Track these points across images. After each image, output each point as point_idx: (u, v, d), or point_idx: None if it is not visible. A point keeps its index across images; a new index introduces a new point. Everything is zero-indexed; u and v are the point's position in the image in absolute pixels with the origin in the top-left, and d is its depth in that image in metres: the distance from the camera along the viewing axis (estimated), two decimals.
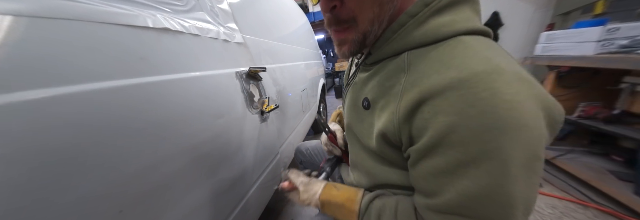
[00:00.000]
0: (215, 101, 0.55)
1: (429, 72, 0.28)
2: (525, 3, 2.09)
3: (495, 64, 0.25)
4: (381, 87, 0.35)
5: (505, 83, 0.24)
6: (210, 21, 0.62)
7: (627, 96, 1.15)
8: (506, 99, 0.23)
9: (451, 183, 0.27)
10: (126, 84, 0.35)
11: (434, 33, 0.30)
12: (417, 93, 0.28)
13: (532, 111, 0.24)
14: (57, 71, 0.27)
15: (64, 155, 0.27)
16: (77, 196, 0.28)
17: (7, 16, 0.24)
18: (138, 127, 0.36)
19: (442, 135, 0.26)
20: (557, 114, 0.27)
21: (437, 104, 0.26)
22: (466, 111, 0.24)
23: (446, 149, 0.26)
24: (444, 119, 0.25)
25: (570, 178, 1.27)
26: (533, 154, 0.25)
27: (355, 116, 0.42)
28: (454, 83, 0.25)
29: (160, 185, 0.40)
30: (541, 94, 0.26)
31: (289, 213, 1.15)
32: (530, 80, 0.26)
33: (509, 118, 0.23)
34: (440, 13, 0.30)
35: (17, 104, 0.24)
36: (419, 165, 0.30)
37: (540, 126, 0.25)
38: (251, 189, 0.70)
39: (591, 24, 1.16)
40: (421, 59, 0.30)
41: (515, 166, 0.24)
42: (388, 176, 0.40)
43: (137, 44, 0.38)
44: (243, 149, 0.66)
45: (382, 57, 0.36)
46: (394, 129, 0.31)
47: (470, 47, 0.28)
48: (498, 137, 0.23)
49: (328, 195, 0.43)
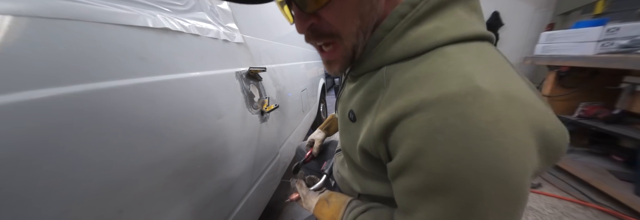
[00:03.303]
0: (215, 101, 0.55)
1: (404, 90, 0.26)
2: (525, 3, 2.09)
3: (474, 84, 0.21)
4: (363, 101, 0.33)
5: (480, 108, 0.21)
6: (210, 21, 0.62)
7: (627, 96, 1.15)
8: (480, 127, 0.20)
9: (422, 204, 0.26)
10: (126, 84, 0.35)
11: (412, 47, 0.27)
12: (389, 113, 0.26)
13: (516, 141, 0.21)
14: (57, 71, 0.27)
15: (64, 155, 0.27)
16: (77, 196, 0.28)
17: (7, 16, 0.24)
18: (138, 127, 0.36)
19: (410, 157, 0.24)
20: (555, 140, 0.24)
21: (405, 125, 0.24)
22: (433, 137, 0.22)
23: (415, 170, 0.25)
24: (411, 141, 0.24)
25: (571, 178, 1.27)
26: (513, 190, 0.22)
27: (344, 127, 0.41)
28: (423, 105, 0.23)
29: (160, 185, 0.40)
30: (537, 118, 0.22)
31: (289, 213, 1.15)
32: (526, 99, 0.23)
33: (481, 149, 0.20)
34: (419, 23, 0.27)
35: (17, 104, 0.24)
36: (395, 181, 0.29)
37: (526, 160, 0.22)
38: (251, 188, 0.71)
39: (591, 24, 1.16)
40: (400, 74, 0.27)
41: (487, 201, 0.22)
42: (373, 189, 0.41)
43: (137, 44, 0.38)
44: (243, 149, 0.66)
45: (364, 71, 0.33)
46: (370, 145, 0.30)
47: (452, 60, 0.24)
48: (466, 169, 0.21)
49: (319, 213, 0.46)
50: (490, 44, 0.28)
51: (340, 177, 0.53)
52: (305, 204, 0.51)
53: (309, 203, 0.50)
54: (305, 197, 0.51)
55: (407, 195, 0.28)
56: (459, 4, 0.27)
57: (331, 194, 0.49)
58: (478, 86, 0.21)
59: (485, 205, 0.22)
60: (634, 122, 1.14)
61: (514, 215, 0.23)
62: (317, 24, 0.29)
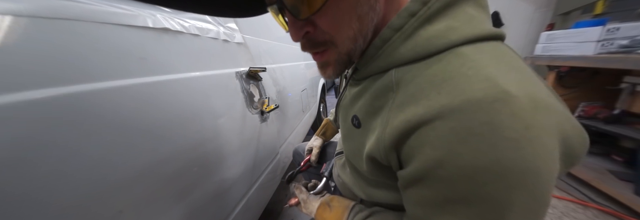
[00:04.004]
0: (215, 101, 0.55)
1: (419, 96, 0.24)
2: (525, 3, 2.09)
3: (501, 89, 0.20)
4: (370, 107, 0.31)
5: (512, 115, 0.19)
6: (210, 21, 0.62)
7: (627, 96, 1.15)
8: (510, 137, 0.19)
9: (439, 215, 0.24)
10: (126, 84, 0.35)
11: (424, 48, 0.25)
12: (403, 121, 0.24)
13: (545, 149, 0.20)
14: (57, 71, 0.27)
15: (64, 155, 0.27)
16: (77, 196, 0.28)
17: (7, 16, 0.24)
18: (138, 127, 0.36)
19: (429, 169, 0.23)
20: (577, 145, 0.23)
21: (424, 133, 0.22)
22: (456, 148, 0.20)
23: (434, 182, 0.23)
24: (430, 152, 0.22)
25: (570, 178, 1.27)
26: (539, 199, 0.21)
27: (347, 133, 0.39)
28: (444, 112, 0.21)
29: (160, 185, 0.40)
30: (562, 122, 0.21)
31: (289, 213, 1.15)
32: (549, 103, 0.21)
33: (512, 161, 0.19)
34: (430, 22, 0.25)
35: (17, 104, 0.24)
36: (407, 191, 0.28)
37: (552, 167, 0.21)
38: (251, 189, 0.70)
39: (591, 24, 1.16)
40: (411, 78, 0.25)
41: (514, 212, 0.21)
42: (379, 196, 0.39)
43: (137, 44, 0.38)
44: (243, 149, 0.66)
45: (369, 74, 0.31)
46: (380, 154, 0.28)
47: (470, 62, 0.22)
48: (495, 182, 0.20)
49: (320, 218, 0.45)
50: (503, 42, 0.27)
51: (341, 182, 0.51)
52: (305, 208, 0.50)
53: (309, 208, 0.49)
54: (305, 201, 0.50)
55: (423, 206, 0.26)
56: (469, 1, 0.26)
57: (333, 197, 0.47)
58: (507, 89, 0.20)
59: (511, 217, 0.21)
60: (634, 122, 1.14)
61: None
62: (312, 32, 0.28)
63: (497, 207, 0.21)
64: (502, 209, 0.21)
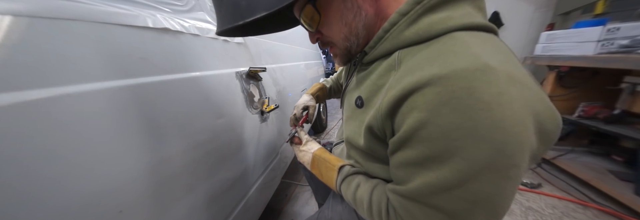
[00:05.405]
0: (215, 101, 0.55)
1: (414, 69, 0.27)
2: (525, 3, 2.09)
3: (482, 61, 0.23)
4: (373, 86, 0.36)
5: (487, 82, 0.22)
6: (210, 21, 0.62)
7: (627, 96, 1.15)
8: (483, 100, 0.22)
9: (418, 173, 0.28)
10: (126, 84, 0.35)
11: (426, 31, 0.29)
12: (399, 90, 0.27)
13: (515, 115, 0.23)
14: (57, 71, 0.27)
15: (64, 155, 0.27)
16: (77, 196, 0.28)
17: (7, 16, 0.24)
18: (138, 127, 0.36)
19: (413, 130, 0.26)
20: (549, 122, 0.26)
21: (414, 99, 0.26)
22: (438, 109, 0.24)
23: (416, 143, 0.27)
24: (417, 114, 0.25)
25: (571, 178, 1.27)
26: (507, 159, 0.23)
27: (350, 115, 0.43)
28: (433, 80, 0.24)
29: (161, 185, 0.40)
30: (534, 99, 0.25)
31: (289, 213, 1.15)
32: (526, 82, 0.25)
33: (482, 119, 0.22)
34: (433, 10, 0.29)
35: (17, 104, 0.24)
36: (394, 156, 0.31)
37: (521, 132, 0.23)
38: (251, 188, 0.70)
39: (591, 24, 1.16)
40: (411, 57, 0.30)
41: (481, 167, 0.23)
42: (375, 170, 0.42)
43: (137, 44, 0.38)
44: (243, 149, 0.66)
45: (377, 57, 0.36)
46: (377, 124, 0.32)
47: (462, 42, 0.26)
48: (465, 136, 0.23)
49: (321, 152, 0.53)
50: (496, 36, 0.31)
51: None
52: (304, 146, 0.56)
53: (309, 145, 0.56)
54: (309, 140, 0.57)
55: (404, 167, 0.30)
56: (467, 1, 0.30)
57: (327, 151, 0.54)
58: (487, 63, 0.23)
59: (478, 172, 0.24)
60: (634, 122, 1.14)
61: (505, 187, 0.25)
62: (321, 37, 0.41)
63: (465, 160, 0.24)
64: (469, 162, 0.24)
